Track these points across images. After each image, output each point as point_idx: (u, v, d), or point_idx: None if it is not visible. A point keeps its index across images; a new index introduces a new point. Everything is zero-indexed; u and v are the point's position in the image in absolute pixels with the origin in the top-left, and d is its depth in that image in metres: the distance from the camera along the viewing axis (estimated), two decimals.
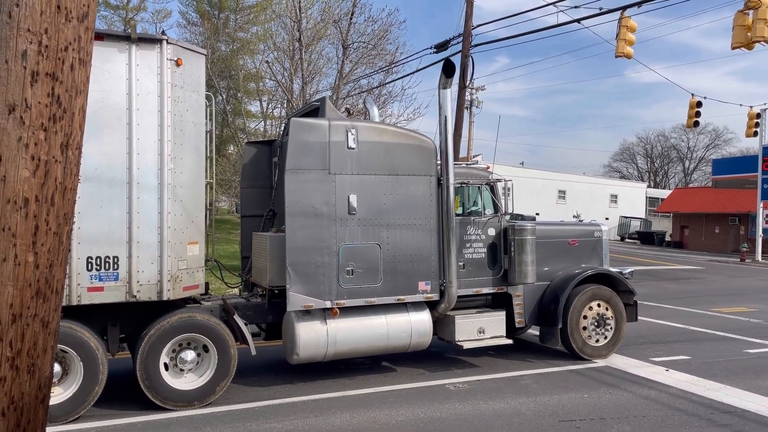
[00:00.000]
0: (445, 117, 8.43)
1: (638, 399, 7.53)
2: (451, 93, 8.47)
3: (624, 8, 15.84)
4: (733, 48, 14.49)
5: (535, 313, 9.34)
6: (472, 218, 8.95)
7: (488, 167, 9.59)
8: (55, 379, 6.58)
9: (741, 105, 42.95)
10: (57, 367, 6.58)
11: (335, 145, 7.79)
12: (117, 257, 6.72)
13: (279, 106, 26.62)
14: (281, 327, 8.03)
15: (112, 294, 6.73)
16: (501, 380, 8.34)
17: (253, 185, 9.57)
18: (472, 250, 8.90)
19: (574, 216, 11.44)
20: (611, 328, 9.40)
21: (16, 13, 2.77)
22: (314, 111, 8.71)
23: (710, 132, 73.15)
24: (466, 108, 32.17)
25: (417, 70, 24.57)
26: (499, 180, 9.19)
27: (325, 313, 7.78)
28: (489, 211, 9.10)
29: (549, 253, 9.45)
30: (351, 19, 21.28)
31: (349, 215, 7.86)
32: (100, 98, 6.63)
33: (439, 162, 8.47)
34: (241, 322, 7.45)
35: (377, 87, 23.67)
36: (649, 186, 66.27)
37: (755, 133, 31.14)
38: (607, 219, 45.84)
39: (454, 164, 8.72)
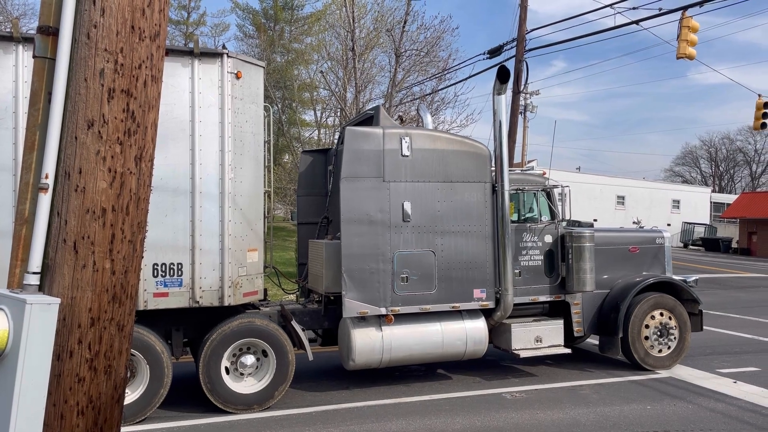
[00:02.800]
0: (500, 123, 8.37)
1: (704, 411, 7.26)
2: (506, 98, 8.40)
3: (685, 8, 15.28)
4: None
5: (595, 322, 9.11)
6: (528, 225, 8.83)
7: (544, 173, 9.43)
8: None
9: None
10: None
11: (389, 153, 7.85)
12: (181, 264, 6.98)
13: (333, 114, 27.04)
14: (337, 333, 8.14)
15: (176, 299, 6.99)
16: (559, 390, 8.18)
17: (309, 193, 9.76)
18: (529, 257, 8.77)
19: (634, 222, 11.09)
20: (675, 338, 9.07)
21: (94, 34, 2.94)
22: (368, 119, 8.81)
23: None
24: (521, 113, 31.76)
25: (470, 76, 24.43)
26: (555, 186, 9.04)
27: (380, 320, 7.83)
28: (545, 217, 8.96)
29: (608, 260, 9.22)
30: (404, 27, 21.37)
31: (404, 222, 7.89)
32: (165, 111, 6.84)
33: (493, 168, 8.41)
34: (298, 328, 7.59)
35: (430, 94, 23.69)
36: (713, 191, 63.53)
37: None
38: (669, 225, 44.21)
39: (509, 170, 8.63)
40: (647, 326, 8.96)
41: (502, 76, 8.22)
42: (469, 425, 6.86)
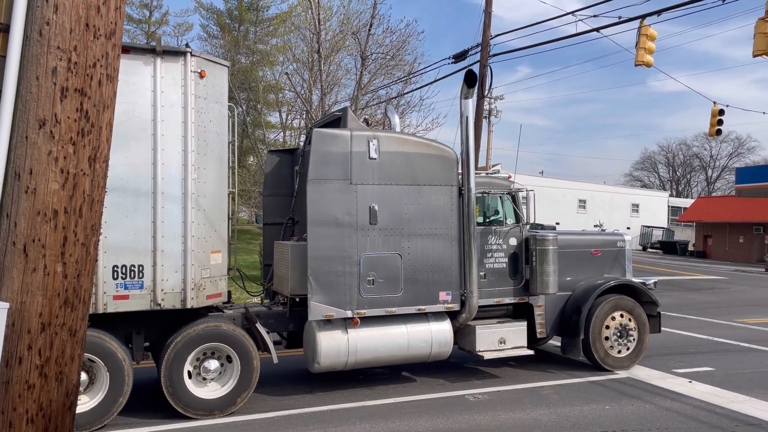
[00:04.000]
0: (467, 126, 8.43)
1: (661, 411, 7.43)
2: (473, 103, 8.46)
3: (643, 17, 15.53)
4: (755, 56, 13.85)
5: (557, 324, 9.24)
6: (494, 228, 8.90)
7: (509, 176, 9.54)
8: (81, 388, 6.67)
9: (765, 113, 42.33)
10: (83, 376, 6.68)
11: (357, 156, 7.83)
12: (142, 266, 6.82)
13: (298, 116, 26.92)
14: (302, 335, 8.06)
15: (137, 302, 6.82)
16: (521, 391, 8.27)
17: (275, 193, 9.65)
18: (494, 259, 8.85)
19: (596, 225, 11.32)
20: (634, 339, 9.27)
21: (47, 31, 2.84)
22: (336, 121, 8.76)
23: (733, 140, 72.15)
24: (485, 117, 32.03)
25: (435, 80, 24.70)
26: (520, 189, 9.14)
27: (346, 323, 7.79)
28: (510, 220, 9.04)
29: (571, 263, 9.35)
30: (369, 30, 21.38)
31: (371, 225, 7.87)
32: (126, 110, 6.76)
33: (460, 171, 8.45)
34: (263, 331, 7.50)
35: (395, 97, 23.76)
36: (671, 195, 65.35)
37: None
38: (628, 228, 45.25)
39: (475, 174, 8.69)
40: (608, 327, 9.13)
41: (469, 80, 8.27)
42: (433, 427, 6.88)
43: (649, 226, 51.56)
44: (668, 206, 56.87)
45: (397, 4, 72.81)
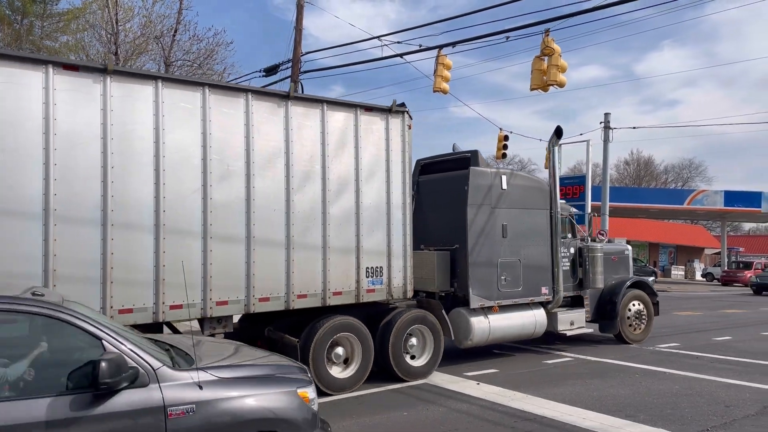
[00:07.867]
0: (554, 168, 11.71)
1: (452, 413, 7.88)
2: (559, 150, 11.76)
3: (440, 47, 16.95)
4: (532, 89, 15.23)
5: (595, 311, 12.83)
6: (562, 240, 12.25)
7: (564, 202, 12.97)
8: (340, 360, 8.79)
9: (540, 140, 48.97)
10: (341, 351, 8.81)
11: (494, 187, 10.76)
12: (381, 267, 9.15)
13: None
14: None
15: (378, 294, 9.14)
16: (324, 405, 7.94)
17: None
18: (562, 264, 12.18)
19: (600, 235, 15.23)
20: (645, 320, 13.16)
21: None
22: (463, 159, 11.50)
23: (518, 163, 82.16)
24: None
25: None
26: (577, 212, 12.62)
27: (485, 310, 10.62)
28: (570, 234, 12.48)
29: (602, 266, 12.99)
30: (174, 35, 20.96)
31: (503, 238, 10.82)
32: (374, 153, 9.15)
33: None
34: (446, 316, 10.07)
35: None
36: None
37: None
38: None
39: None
40: (629, 312, 12.90)
41: (559, 133, 11.61)
42: None
43: None
44: None
45: (207, 13, 69.88)
